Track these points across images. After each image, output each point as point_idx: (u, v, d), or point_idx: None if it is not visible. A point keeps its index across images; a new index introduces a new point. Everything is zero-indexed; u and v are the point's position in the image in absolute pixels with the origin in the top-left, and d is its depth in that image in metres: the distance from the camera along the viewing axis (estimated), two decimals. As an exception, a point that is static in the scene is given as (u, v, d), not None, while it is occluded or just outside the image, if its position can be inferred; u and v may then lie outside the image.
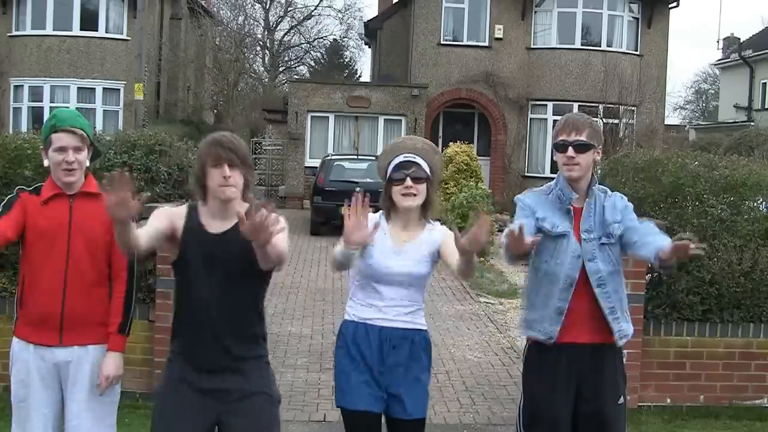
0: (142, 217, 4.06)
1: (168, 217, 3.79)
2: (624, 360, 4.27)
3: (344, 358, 4.08)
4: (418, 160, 4.04)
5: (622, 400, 4.14)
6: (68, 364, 4.05)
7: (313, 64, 55.09)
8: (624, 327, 4.08)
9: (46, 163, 4.05)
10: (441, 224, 4.19)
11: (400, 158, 4.04)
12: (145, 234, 3.63)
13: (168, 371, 3.89)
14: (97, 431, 4.13)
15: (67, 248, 3.99)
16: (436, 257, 4.07)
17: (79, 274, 4.01)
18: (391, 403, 4.03)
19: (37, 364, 4.04)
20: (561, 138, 4.02)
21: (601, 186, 4.17)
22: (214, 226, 3.77)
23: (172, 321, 3.94)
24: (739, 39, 39.21)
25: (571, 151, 3.97)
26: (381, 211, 4.13)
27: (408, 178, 3.97)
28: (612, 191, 4.20)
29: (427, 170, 4.04)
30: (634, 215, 4.10)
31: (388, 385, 4.02)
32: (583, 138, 3.97)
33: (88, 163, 4.11)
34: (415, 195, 3.99)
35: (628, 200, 4.19)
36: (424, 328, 4.14)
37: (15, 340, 4.12)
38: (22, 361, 4.07)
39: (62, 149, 3.97)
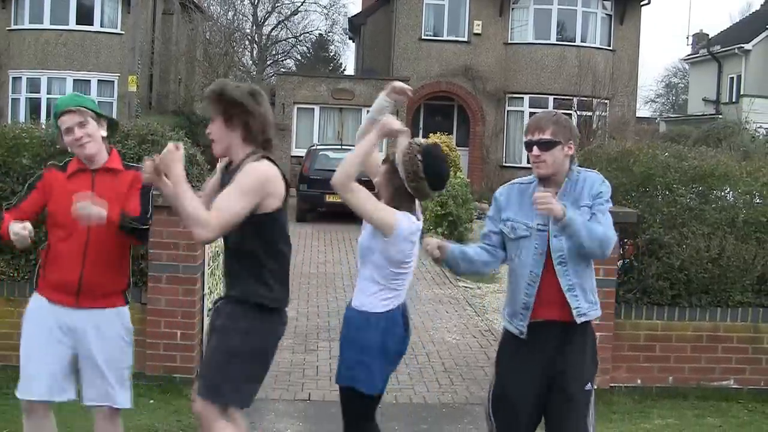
0: None
1: None
2: (596, 345, 4.25)
3: None
4: None
5: (589, 386, 4.12)
6: (85, 331, 4.22)
7: (300, 58, 55.07)
8: (583, 306, 4.06)
9: (69, 148, 4.29)
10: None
11: None
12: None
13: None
14: (120, 389, 4.32)
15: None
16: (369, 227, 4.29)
17: (99, 246, 4.17)
18: None
19: (50, 323, 4.20)
20: (527, 138, 4.11)
21: (579, 167, 4.19)
22: None
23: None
24: (708, 35, 39.47)
25: (536, 150, 4.04)
26: None
27: None
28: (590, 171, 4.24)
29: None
30: (601, 201, 4.08)
31: None
32: (546, 136, 4.01)
33: (104, 133, 4.31)
34: None
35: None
36: (356, 305, 4.31)
37: (34, 297, 4.31)
38: (34, 319, 4.25)
39: (69, 130, 4.21)
